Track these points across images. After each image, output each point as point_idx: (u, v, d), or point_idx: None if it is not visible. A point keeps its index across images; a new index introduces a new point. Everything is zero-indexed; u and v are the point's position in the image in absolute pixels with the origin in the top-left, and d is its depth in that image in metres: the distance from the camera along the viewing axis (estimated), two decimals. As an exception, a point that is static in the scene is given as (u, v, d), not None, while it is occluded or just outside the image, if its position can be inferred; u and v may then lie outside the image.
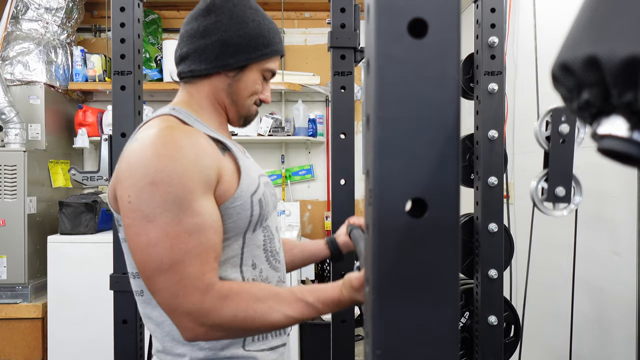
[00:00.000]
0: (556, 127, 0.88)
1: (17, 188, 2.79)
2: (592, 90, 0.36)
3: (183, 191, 0.82)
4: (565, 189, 0.89)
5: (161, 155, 0.83)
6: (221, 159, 0.92)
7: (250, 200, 0.94)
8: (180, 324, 0.83)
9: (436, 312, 0.34)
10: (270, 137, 3.48)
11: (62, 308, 2.77)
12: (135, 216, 0.83)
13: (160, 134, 0.86)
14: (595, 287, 1.72)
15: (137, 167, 0.84)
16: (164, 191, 0.82)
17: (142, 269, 0.84)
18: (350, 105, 1.51)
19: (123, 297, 1.34)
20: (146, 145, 0.85)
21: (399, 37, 0.33)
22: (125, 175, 0.85)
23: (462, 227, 1.38)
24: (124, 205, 0.85)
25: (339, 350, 1.52)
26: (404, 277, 0.34)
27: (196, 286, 0.82)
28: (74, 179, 1.39)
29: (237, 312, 0.83)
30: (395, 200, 0.33)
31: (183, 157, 0.84)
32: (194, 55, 0.99)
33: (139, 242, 0.83)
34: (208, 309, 0.82)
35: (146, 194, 0.82)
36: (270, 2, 3.68)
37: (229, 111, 1.03)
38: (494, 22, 1.30)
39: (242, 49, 0.98)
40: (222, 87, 1.00)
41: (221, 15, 0.98)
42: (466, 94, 1.42)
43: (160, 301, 0.84)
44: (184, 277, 0.81)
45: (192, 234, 0.82)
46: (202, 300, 0.82)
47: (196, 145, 0.88)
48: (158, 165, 0.82)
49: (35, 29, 3.08)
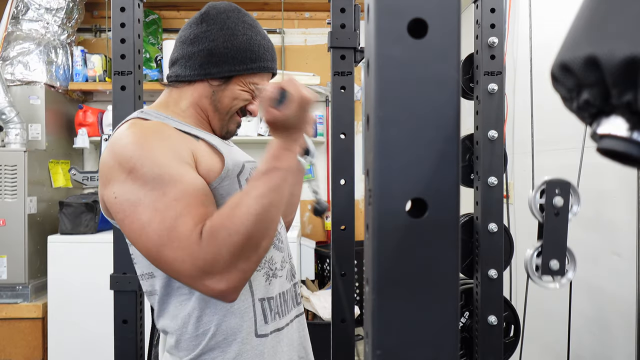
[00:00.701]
0: (550, 200, 0.89)
1: (18, 188, 2.79)
2: (591, 90, 0.36)
3: (159, 168, 0.85)
4: (559, 262, 0.90)
5: (127, 145, 0.87)
6: (193, 142, 0.94)
7: (238, 179, 0.96)
8: (208, 289, 0.82)
9: (436, 312, 0.34)
10: (270, 137, 3.47)
11: (62, 308, 2.77)
12: (124, 207, 0.85)
13: (124, 132, 0.90)
14: (595, 287, 1.72)
15: (111, 166, 0.87)
16: (140, 174, 0.84)
17: (148, 252, 0.84)
18: (350, 105, 1.51)
19: (123, 297, 1.34)
20: (114, 145, 0.89)
21: (398, 38, 0.33)
22: (105, 178, 0.89)
23: (462, 227, 1.38)
24: (113, 203, 0.87)
25: (339, 350, 1.52)
26: (404, 277, 0.34)
27: (191, 240, 0.81)
28: (74, 179, 1.40)
29: (229, 232, 0.80)
30: (395, 200, 0.34)
31: (148, 141, 0.88)
32: (182, 61, 1.01)
33: (135, 229, 0.84)
34: (211, 253, 0.80)
35: (127, 184, 0.85)
36: (270, 2, 3.68)
37: (211, 119, 1.04)
38: (494, 22, 1.30)
39: (227, 60, 0.99)
40: (206, 94, 1.01)
41: (213, 25, 0.99)
42: (466, 94, 1.42)
43: (177, 275, 0.83)
44: (181, 239, 0.81)
45: (179, 199, 0.83)
46: (200, 251, 0.80)
47: (159, 131, 0.91)
48: (127, 153, 0.86)
49: (36, 29, 3.08)
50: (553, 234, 0.89)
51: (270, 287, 1.00)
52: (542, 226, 0.89)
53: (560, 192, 0.88)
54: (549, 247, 0.90)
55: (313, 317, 3.05)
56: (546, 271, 0.90)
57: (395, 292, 0.34)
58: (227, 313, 0.94)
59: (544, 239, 0.89)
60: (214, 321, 0.93)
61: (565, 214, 0.88)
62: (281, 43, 3.80)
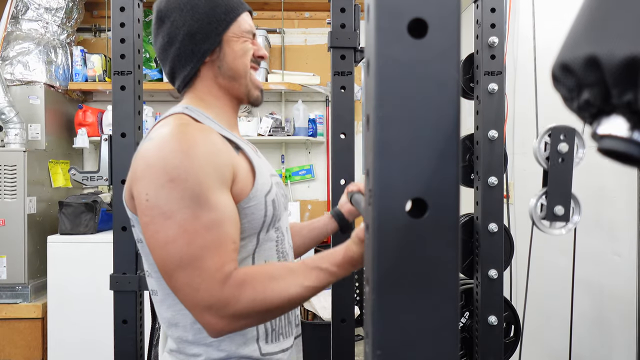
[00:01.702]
0: (555, 146, 0.88)
1: (17, 188, 2.79)
2: (592, 90, 0.36)
3: (200, 187, 0.83)
4: (564, 207, 0.89)
5: (177, 152, 0.84)
6: (235, 157, 0.92)
7: (264, 200, 0.95)
8: (204, 320, 0.83)
9: (436, 312, 0.34)
10: (270, 137, 3.48)
11: (62, 308, 2.77)
12: (153, 214, 0.83)
13: (174, 131, 0.87)
14: (595, 288, 1.72)
15: (154, 165, 0.84)
16: (181, 188, 0.82)
17: (163, 266, 0.84)
18: (350, 105, 1.51)
19: (123, 297, 1.34)
20: (162, 143, 0.86)
21: (399, 37, 0.33)
22: (142, 174, 0.85)
23: (462, 227, 1.38)
24: (142, 203, 0.85)
25: (339, 350, 1.52)
26: (404, 277, 0.34)
27: (216, 278, 0.81)
28: (74, 179, 1.39)
29: (255, 295, 0.82)
30: (395, 200, 0.33)
31: (198, 153, 0.85)
32: (177, 65, 1.00)
33: (157, 240, 0.83)
34: (227, 298, 0.81)
35: (164, 192, 0.82)
36: (270, 2, 3.68)
37: (234, 91, 1.02)
38: (494, 22, 1.30)
39: (208, 30, 0.97)
40: (214, 73, 1.00)
41: (172, 14, 0.98)
42: (466, 94, 1.42)
43: (182, 297, 0.84)
44: (204, 271, 0.81)
45: (210, 228, 0.83)
46: (221, 291, 0.81)
47: (211, 142, 0.88)
48: (174, 162, 0.83)
49: (35, 29, 3.08)
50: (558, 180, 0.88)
51: None
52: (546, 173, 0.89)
53: (565, 137, 0.88)
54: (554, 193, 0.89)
55: (313, 317, 3.05)
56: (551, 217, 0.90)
57: (396, 292, 0.34)
58: None
59: (549, 185, 0.89)
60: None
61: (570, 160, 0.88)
62: (281, 43, 3.80)
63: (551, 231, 0.90)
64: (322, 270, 0.86)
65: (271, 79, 3.50)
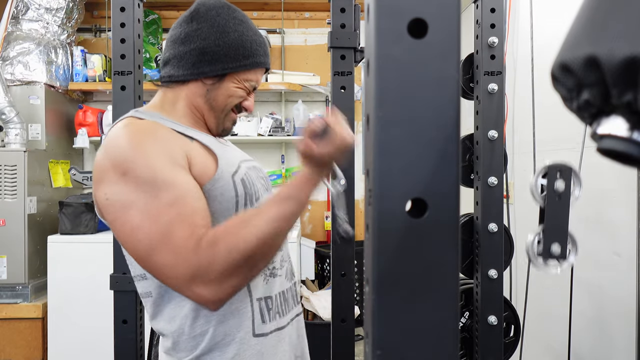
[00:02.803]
0: (552, 184, 0.89)
1: (17, 188, 2.79)
2: (592, 90, 0.36)
3: (152, 171, 0.84)
4: (561, 246, 0.89)
5: (121, 147, 0.87)
6: (187, 143, 0.93)
7: (232, 180, 0.95)
8: (193, 293, 0.82)
9: (436, 312, 0.34)
10: (270, 137, 3.48)
11: (62, 308, 2.77)
12: (115, 209, 0.85)
13: (119, 132, 0.90)
14: (595, 287, 1.72)
15: (104, 166, 0.87)
16: (134, 177, 0.84)
17: (136, 254, 0.84)
18: (350, 105, 1.51)
19: (123, 297, 1.34)
20: (108, 146, 0.89)
21: (399, 37, 0.33)
22: (98, 179, 0.88)
23: (462, 227, 1.38)
24: (103, 204, 0.87)
25: (339, 350, 1.52)
26: (403, 277, 0.34)
27: (188, 247, 0.81)
28: (74, 179, 1.39)
29: (230, 247, 0.81)
30: (395, 200, 0.33)
31: (142, 142, 0.87)
32: (174, 61, 1.00)
33: (125, 232, 0.84)
34: (205, 262, 0.80)
35: (119, 186, 0.84)
36: (270, 2, 3.68)
37: (207, 118, 1.03)
38: (494, 22, 1.30)
39: (220, 58, 0.98)
40: (200, 93, 1.01)
41: (203, 23, 0.98)
42: (466, 94, 1.42)
43: (165, 279, 0.83)
44: (175, 245, 0.81)
45: (172, 205, 0.83)
46: (196, 257, 0.80)
47: (154, 132, 0.91)
48: (121, 157, 0.85)
49: (36, 29, 3.08)
50: (555, 218, 0.89)
51: (268, 286, 1.00)
52: (543, 211, 0.89)
53: (562, 175, 0.88)
54: (550, 231, 0.89)
55: (313, 317, 3.05)
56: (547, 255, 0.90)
57: (395, 292, 0.34)
58: (225, 313, 0.93)
59: (546, 223, 0.89)
60: (212, 322, 0.93)
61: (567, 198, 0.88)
62: (281, 43, 3.80)
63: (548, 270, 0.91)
64: (284, 199, 0.86)
65: (271, 79, 3.50)
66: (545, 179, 0.89)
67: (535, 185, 0.89)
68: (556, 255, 0.89)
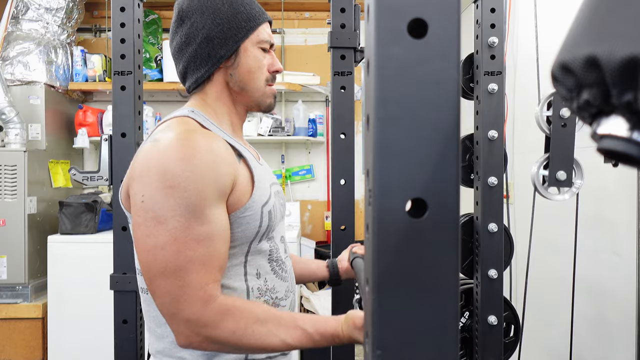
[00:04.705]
0: (557, 111, 0.87)
1: (17, 188, 2.79)
2: (592, 90, 0.36)
3: (197, 198, 0.82)
4: (566, 172, 0.88)
5: (179, 159, 0.83)
6: (237, 166, 0.92)
7: (261, 211, 0.94)
8: (178, 329, 0.83)
9: (436, 312, 0.34)
10: (270, 137, 3.48)
11: (62, 308, 2.77)
12: (146, 216, 0.83)
13: (179, 137, 0.86)
14: (595, 287, 1.72)
15: (155, 168, 0.83)
16: (179, 195, 0.81)
17: (147, 269, 0.84)
18: (350, 105, 1.51)
19: (123, 297, 1.34)
20: (165, 147, 0.85)
21: (399, 37, 0.33)
22: (142, 174, 0.85)
23: (462, 227, 1.38)
24: (137, 204, 0.84)
25: (339, 350, 1.52)
26: (403, 277, 0.34)
27: (198, 295, 0.82)
28: (74, 179, 1.39)
29: (235, 329, 0.83)
30: (395, 200, 0.33)
31: (201, 162, 0.84)
32: (191, 66, 0.99)
33: (146, 243, 0.83)
34: (207, 321, 0.82)
35: (161, 196, 0.82)
36: (270, 2, 3.68)
37: (244, 100, 1.02)
38: (494, 22, 1.30)
39: (226, 35, 0.97)
40: (227, 79, 1.00)
41: (193, 16, 0.98)
42: (466, 94, 1.42)
43: (160, 304, 0.84)
44: (186, 284, 0.81)
45: (201, 242, 0.82)
46: (202, 310, 0.82)
47: (214, 150, 0.87)
48: (175, 169, 0.82)
49: (36, 29, 3.08)
50: (560, 145, 0.88)
51: None
52: (548, 139, 0.88)
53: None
54: (556, 158, 0.88)
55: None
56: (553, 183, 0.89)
57: (395, 292, 0.34)
58: None
59: (551, 150, 0.88)
60: None
61: (573, 125, 0.87)
62: (281, 43, 3.80)
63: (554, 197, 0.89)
64: (306, 333, 0.87)
65: (271, 79, 3.49)
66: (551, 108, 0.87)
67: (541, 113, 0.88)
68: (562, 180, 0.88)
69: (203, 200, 0.83)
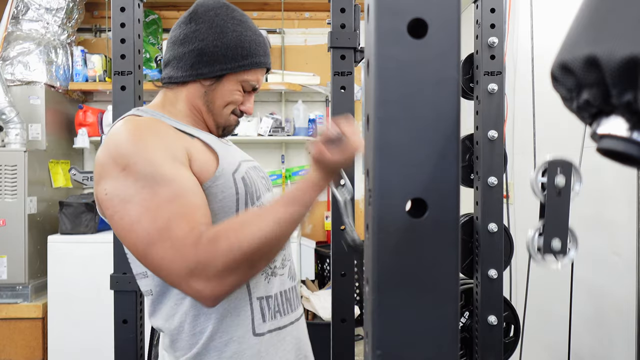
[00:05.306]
0: (552, 179, 0.88)
1: (18, 188, 2.79)
2: (591, 90, 0.36)
3: (152, 166, 0.84)
4: (561, 241, 0.89)
5: (122, 143, 0.87)
6: (188, 140, 0.94)
7: (233, 177, 0.95)
8: (192, 289, 0.81)
9: (436, 312, 0.34)
10: (270, 137, 3.48)
11: (62, 308, 2.77)
12: (114, 203, 0.85)
13: (119, 129, 0.90)
14: (595, 287, 1.72)
15: (105, 163, 0.87)
16: (133, 172, 0.84)
17: (135, 249, 0.84)
18: (350, 105, 1.51)
19: (123, 297, 1.34)
20: (108, 142, 0.89)
21: (398, 37, 0.33)
22: (98, 174, 0.88)
23: (462, 227, 1.38)
24: (103, 200, 0.87)
25: (339, 350, 1.52)
26: (403, 277, 0.34)
27: (187, 243, 0.80)
28: (74, 179, 1.39)
29: (231, 246, 0.80)
30: (395, 200, 0.34)
31: (144, 138, 0.88)
32: (174, 62, 1.01)
33: (123, 226, 0.84)
34: (204, 258, 0.80)
35: (119, 181, 0.85)
36: (270, 2, 3.68)
37: (206, 119, 1.03)
38: (494, 22, 1.30)
39: (218, 59, 0.98)
40: (198, 94, 1.01)
41: (201, 24, 0.98)
42: (466, 94, 1.42)
43: (164, 274, 0.83)
44: (174, 240, 0.81)
45: (172, 200, 0.83)
46: (196, 253, 0.80)
47: (155, 128, 0.91)
48: (121, 152, 0.86)
49: (36, 29, 3.08)
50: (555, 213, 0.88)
51: (269, 285, 0.99)
52: (543, 206, 0.89)
53: (562, 171, 0.88)
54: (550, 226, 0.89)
55: (313, 317, 3.05)
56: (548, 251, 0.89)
57: (395, 292, 0.34)
58: (224, 312, 0.93)
59: (546, 218, 0.89)
60: (211, 320, 0.93)
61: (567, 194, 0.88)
62: (281, 43, 3.80)
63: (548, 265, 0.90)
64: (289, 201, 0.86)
65: (271, 79, 3.50)
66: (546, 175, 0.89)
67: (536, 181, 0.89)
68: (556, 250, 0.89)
69: (159, 166, 0.84)
